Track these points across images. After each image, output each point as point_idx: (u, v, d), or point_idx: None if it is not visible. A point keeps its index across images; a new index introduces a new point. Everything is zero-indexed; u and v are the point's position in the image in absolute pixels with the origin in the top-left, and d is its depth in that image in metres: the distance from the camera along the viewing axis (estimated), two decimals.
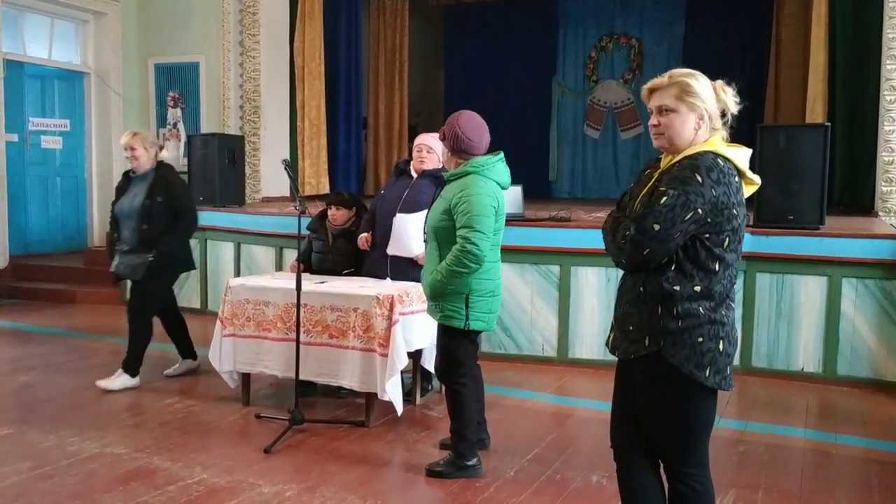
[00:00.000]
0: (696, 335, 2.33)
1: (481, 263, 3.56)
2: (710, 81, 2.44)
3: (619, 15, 12.25)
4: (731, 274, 2.39)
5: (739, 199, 2.36)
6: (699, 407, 2.43)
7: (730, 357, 2.40)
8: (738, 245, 2.38)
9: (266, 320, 4.57)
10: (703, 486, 2.49)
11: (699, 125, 2.40)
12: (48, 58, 9.39)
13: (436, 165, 4.62)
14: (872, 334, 5.26)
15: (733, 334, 2.41)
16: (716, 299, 2.35)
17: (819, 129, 5.53)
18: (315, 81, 9.63)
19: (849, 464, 4.02)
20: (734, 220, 2.33)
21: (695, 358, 2.33)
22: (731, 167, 2.36)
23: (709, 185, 2.28)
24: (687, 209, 2.27)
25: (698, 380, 2.34)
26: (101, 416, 4.53)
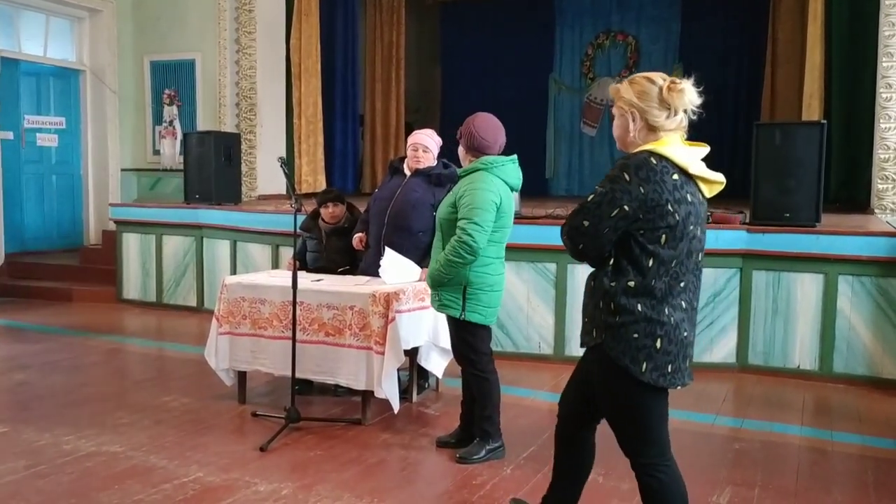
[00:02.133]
0: (631, 331, 2.41)
1: (477, 255, 3.68)
2: (660, 83, 2.46)
3: (616, 12, 12.26)
4: (675, 271, 2.43)
5: (678, 196, 2.39)
6: (641, 400, 2.50)
7: (671, 355, 2.43)
8: (679, 243, 2.41)
9: (262, 318, 4.56)
10: (667, 474, 2.55)
11: (632, 127, 2.48)
12: (44, 55, 9.37)
13: (431, 164, 4.62)
14: (868, 332, 5.27)
15: (677, 334, 2.44)
16: (656, 297, 2.41)
17: (815, 126, 5.53)
18: (311, 79, 9.61)
19: (845, 461, 4.03)
20: (669, 217, 2.37)
21: (630, 353, 2.41)
22: (666, 166, 2.40)
23: (636, 183, 2.35)
24: (613, 206, 2.36)
25: (633, 374, 2.42)
26: (97, 415, 4.52)
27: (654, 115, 2.45)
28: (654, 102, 2.45)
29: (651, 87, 2.46)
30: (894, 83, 6.52)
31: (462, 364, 3.96)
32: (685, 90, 2.45)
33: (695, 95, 2.47)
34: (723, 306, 5.57)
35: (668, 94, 2.44)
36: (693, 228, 2.44)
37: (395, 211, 4.59)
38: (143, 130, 9.61)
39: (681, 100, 2.45)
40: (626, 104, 2.49)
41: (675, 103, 2.44)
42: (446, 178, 4.57)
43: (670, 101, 2.44)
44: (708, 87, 8.16)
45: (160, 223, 7.94)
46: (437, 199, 4.44)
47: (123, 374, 5.69)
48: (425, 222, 4.53)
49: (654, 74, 2.50)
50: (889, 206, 6.54)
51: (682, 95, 2.45)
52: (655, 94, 2.45)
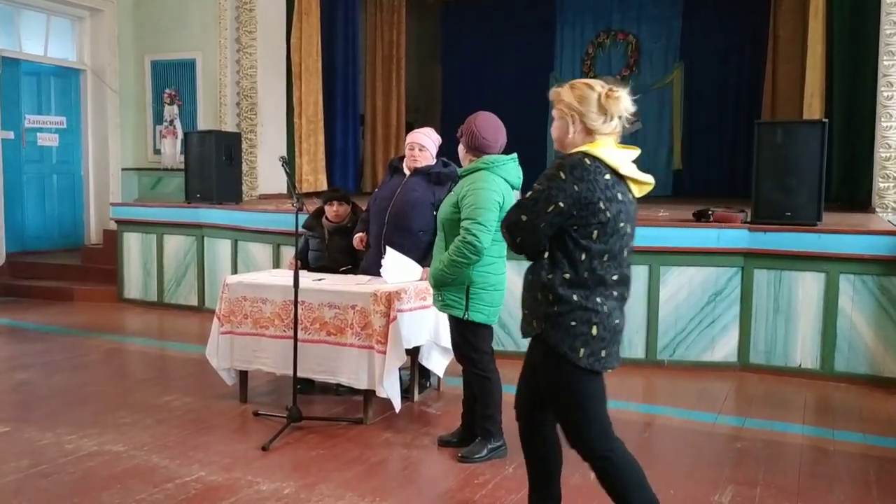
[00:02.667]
0: (568, 319, 2.58)
1: (481, 255, 3.68)
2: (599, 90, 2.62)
3: (617, 11, 12.24)
4: (608, 265, 2.59)
5: (611, 195, 2.56)
6: (580, 384, 2.65)
7: (605, 341, 2.60)
8: (610, 238, 2.57)
9: (263, 317, 4.56)
10: (617, 454, 2.71)
11: (571, 129, 2.65)
12: (44, 55, 9.37)
13: (429, 163, 4.62)
14: (870, 330, 5.27)
15: (610, 321, 2.61)
16: (589, 287, 2.58)
17: (816, 125, 5.53)
18: (312, 78, 9.61)
19: (846, 460, 4.03)
20: (601, 214, 2.54)
21: (568, 340, 2.58)
22: (599, 166, 2.57)
23: (571, 182, 2.52)
24: (549, 203, 2.53)
25: (572, 360, 2.58)
26: (99, 414, 4.52)
27: (591, 119, 2.62)
28: (592, 107, 2.61)
29: (591, 93, 2.62)
30: (895, 82, 6.51)
31: (463, 363, 3.97)
32: (621, 98, 2.62)
33: (630, 103, 2.64)
34: (724, 305, 5.57)
35: (605, 101, 2.61)
36: (624, 225, 2.61)
37: (395, 210, 4.59)
38: (144, 130, 9.61)
39: (617, 107, 2.62)
40: (567, 107, 2.65)
41: (611, 110, 2.61)
42: (446, 177, 4.56)
43: (607, 107, 2.61)
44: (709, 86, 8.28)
45: (161, 223, 7.94)
46: (437, 197, 4.45)
47: (125, 374, 5.70)
48: (425, 221, 4.53)
49: (593, 81, 2.68)
50: (890, 204, 6.53)
51: (619, 103, 2.62)
52: (594, 100, 2.62)
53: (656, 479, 3.65)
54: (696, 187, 11.29)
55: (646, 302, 5.66)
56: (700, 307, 5.60)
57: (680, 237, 5.65)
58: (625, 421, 4.60)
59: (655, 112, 12.09)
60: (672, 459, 4.04)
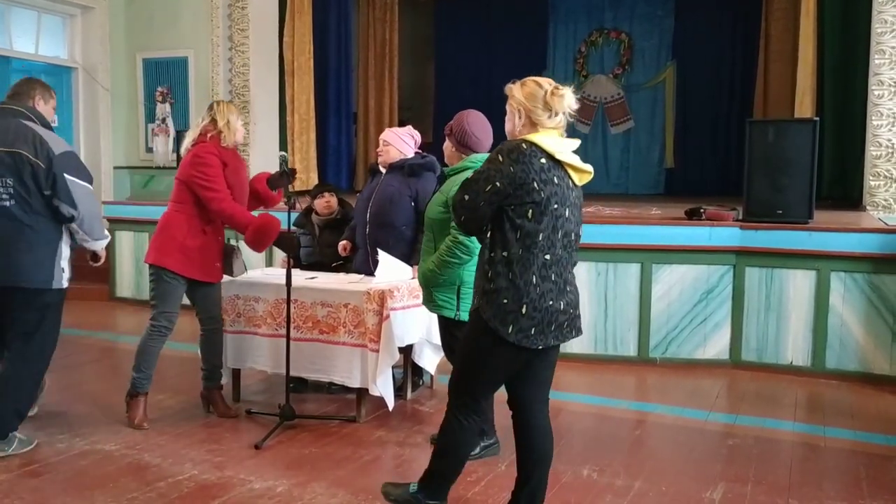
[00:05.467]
0: (501, 297, 2.79)
1: (472, 255, 3.67)
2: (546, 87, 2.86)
3: (610, 9, 12.25)
4: (542, 244, 2.79)
5: (546, 177, 2.77)
6: (498, 357, 2.88)
7: (534, 320, 2.80)
8: (543, 218, 2.78)
9: (256, 316, 4.56)
10: (467, 425, 2.99)
11: (517, 122, 2.90)
12: (35, 52, 9.31)
13: (395, 157, 4.66)
14: (860, 328, 5.29)
15: (542, 303, 2.80)
16: (522, 266, 2.78)
17: (808, 123, 5.56)
18: (305, 76, 9.59)
19: (837, 456, 4.05)
20: (535, 194, 2.75)
21: (500, 316, 2.79)
22: (535, 151, 2.79)
23: (507, 164, 2.76)
24: (488, 182, 2.77)
25: (501, 335, 2.79)
26: (91, 413, 4.51)
27: (537, 114, 2.85)
28: (539, 104, 2.85)
29: (538, 90, 2.86)
30: (886, 80, 6.54)
31: (453, 362, 3.95)
32: (565, 96, 2.86)
33: (573, 101, 2.88)
34: (716, 303, 5.59)
35: (550, 98, 2.85)
36: (559, 208, 2.81)
37: (374, 209, 4.63)
38: (136, 128, 9.56)
39: (561, 104, 2.85)
40: (517, 103, 2.89)
41: (556, 106, 2.85)
42: (420, 168, 4.61)
43: (552, 104, 2.84)
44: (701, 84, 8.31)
45: (153, 221, 7.72)
46: (414, 189, 4.54)
47: (117, 373, 5.66)
48: (406, 215, 4.58)
49: (542, 79, 2.91)
50: (881, 202, 6.56)
51: (563, 100, 2.86)
52: (541, 97, 2.85)
53: (648, 476, 3.68)
54: (688, 185, 11.31)
55: (638, 300, 5.68)
56: (692, 305, 5.62)
57: (672, 235, 5.67)
58: (617, 418, 4.63)
59: (648, 110, 12.12)
60: (664, 456, 4.05)
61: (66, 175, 3.77)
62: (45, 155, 3.75)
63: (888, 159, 6.56)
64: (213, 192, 4.20)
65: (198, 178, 4.21)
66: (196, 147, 4.29)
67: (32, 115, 3.88)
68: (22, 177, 3.73)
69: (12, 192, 3.74)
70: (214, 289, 4.46)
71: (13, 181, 3.74)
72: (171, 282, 4.29)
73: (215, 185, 4.20)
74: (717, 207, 5.95)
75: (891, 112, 6.54)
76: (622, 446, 4.15)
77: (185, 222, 4.27)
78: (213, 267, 4.39)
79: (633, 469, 3.77)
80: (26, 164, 3.72)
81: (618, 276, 5.70)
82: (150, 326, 4.36)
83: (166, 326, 4.35)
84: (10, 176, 3.73)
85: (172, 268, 4.26)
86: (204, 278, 4.35)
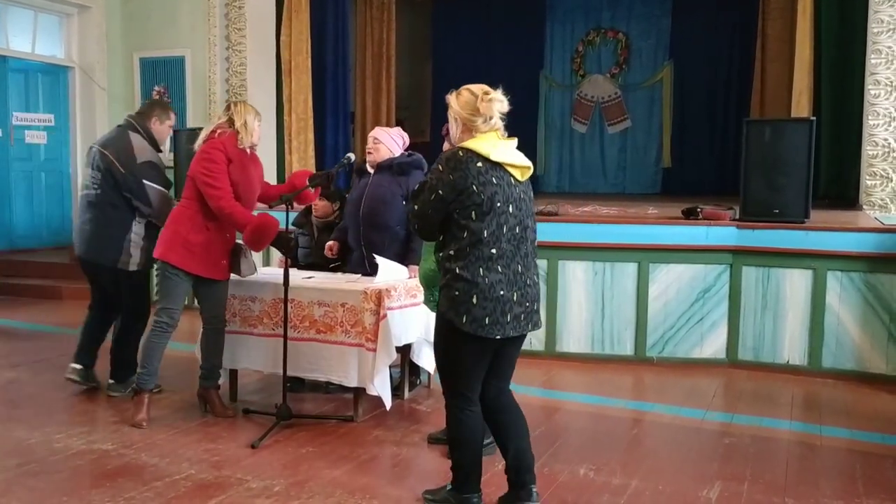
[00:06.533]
0: (453, 290, 3.00)
1: None
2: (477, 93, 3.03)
3: (607, 9, 12.27)
4: (487, 240, 2.97)
5: (483, 180, 2.96)
6: (460, 345, 3.04)
7: (486, 310, 2.97)
8: (486, 216, 2.96)
9: (252, 316, 4.56)
10: (469, 416, 3.13)
11: (454, 130, 3.11)
12: (32, 52, 9.31)
13: (385, 156, 4.66)
14: (857, 327, 5.30)
15: (492, 293, 2.97)
16: (470, 261, 2.97)
17: (804, 123, 5.57)
18: (302, 76, 9.58)
19: (833, 455, 4.06)
20: (475, 197, 2.95)
21: (454, 307, 2.99)
22: (471, 157, 2.98)
23: (447, 172, 2.97)
24: (431, 192, 3.00)
25: (456, 325, 2.98)
26: (88, 413, 4.51)
27: (472, 120, 3.03)
28: (472, 110, 3.02)
29: (471, 98, 3.04)
30: (882, 80, 6.56)
31: None
32: (494, 100, 3.02)
33: (503, 104, 3.04)
34: (713, 302, 5.60)
35: (480, 104, 3.01)
36: (502, 206, 2.99)
37: (366, 210, 4.63)
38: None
39: (491, 108, 3.01)
40: (454, 112, 3.08)
41: (486, 111, 3.01)
42: (409, 166, 4.63)
43: (482, 109, 3.01)
44: (698, 84, 8.33)
45: None
46: (404, 188, 4.55)
47: None
48: (399, 215, 4.60)
49: (475, 87, 3.06)
50: (877, 202, 6.58)
51: (493, 104, 3.01)
52: (473, 104, 3.02)
53: (645, 475, 3.69)
54: (685, 185, 11.33)
55: (635, 299, 5.69)
56: (689, 304, 5.63)
57: (669, 235, 5.68)
58: (614, 417, 4.63)
59: (645, 110, 12.14)
60: (661, 455, 4.06)
61: (144, 181, 4.61)
62: (127, 162, 4.60)
63: (884, 159, 6.58)
64: (213, 188, 4.21)
65: (201, 173, 4.24)
66: (205, 143, 4.32)
67: (141, 129, 4.73)
68: (105, 173, 4.62)
69: (99, 184, 4.65)
70: (220, 287, 4.46)
71: (101, 175, 4.63)
72: (174, 277, 4.30)
73: (217, 182, 4.22)
74: (714, 207, 5.95)
75: (887, 111, 6.56)
76: (619, 445, 4.16)
77: (190, 218, 4.30)
78: (219, 264, 4.38)
79: (630, 468, 3.77)
80: (111, 165, 4.61)
81: (615, 275, 5.71)
82: (153, 322, 4.37)
83: (168, 323, 4.34)
84: (100, 171, 4.64)
85: (175, 263, 4.27)
86: (207, 275, 4.34)
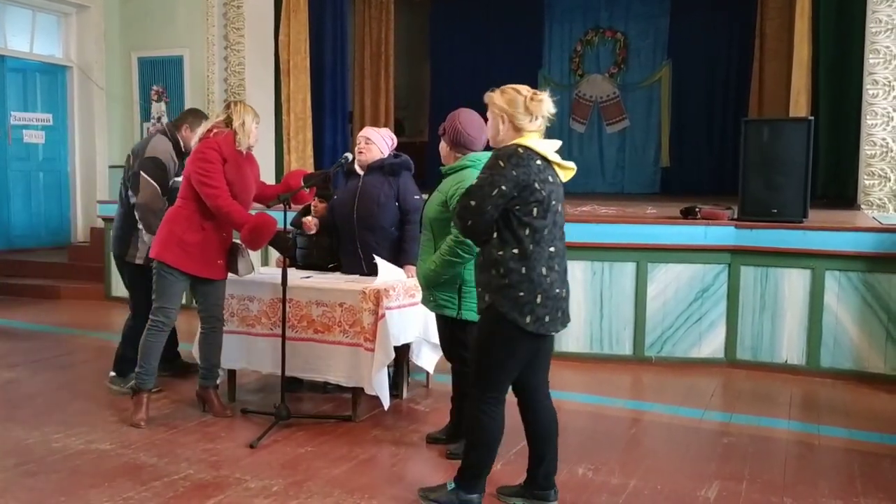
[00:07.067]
0: (517, 290, 2.99)
1: (475, 254, 3.63)
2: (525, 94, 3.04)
3: (605, 9, 12.27)
4: (547, 237, 3.01)
5: (543, 177, 2.99)
6: (517, 346, 3.07)
7: (548, 308, 3.02)
8: (547, 213, 3.00)
9: (250, 316, 4.56)
10: (493, 415, 3.14)
11: (501, 128, 3.08)
12: (30, 51, 9.30)
13: (377, 156, 4.65)
14: (855, 326, 5.31)
15: (552, 290, 3.03)
16: (535, 261, 2.99)
17: (802, 123, 5.57)
18: (300, 75, 9.58)
19: (832, 454, 4.06)
20: (537, 194, 2.97)
21: (518, 308, 2.99)
22: (531, 154, 2.99)
23: (509, 168, 2.95)
24: (493, 187, 2.94)
25: (521, 325, 3.00)
26: (86, 413, 4.51)
27: (519, 118, 3.03)
28: (520, 109, 3.03)
29: (518, 97, 3.04)
30: (881, 80, 6.56)
31: (453, 361, 3.97)
32: (544, 101, 3.03)
33: (551, 105, 3.05)
34: (711, 302, 5.60)
35: (530, 104, 3.02)
36: (555, 204, 3.05)
37: (360, 213, 4.61)
38: (131, 127, 9.54)
39: (540, 108, 3.03)
40: (499, 109, 3.07)
41: (535, 111, 3.03)
42: (399, 166, 4.63)
43: (532, 108, 3.02)
44: (696, 84, 8.32)
45: None
46: (395, 188, 4.56)
47: None
48: (393, 216, 4.60)
49: (520, 86, 3.07)
50: (875, 201, 6.58)
51: (541, 105, 3.03)
52: (521, 103, 3.03)
53: (644, 475, 3.69)
54: (683, 185, 11.34)
55: (633, 299, 5.69)
56: (687, 304, 5.63)
57: (667, 234, 5.68)
58: (613, 417, 4.63)
59: (643, 110, 12.14)
60: (659, 455, 4.06)
61: (141, 172, 4.72)
62: (136, 157, 4.83)
63: (882, 158, 6.59)
64: (210, 187, 4.21)
65: (197, 173, 4.23)
66: (200, 143, 4.31)
67: (170, 135, 4.89)
68: (125, 172, 4.98)
69: (124, 183, 4.98)
70: (217, 287, 4.45)
71: (128, 175, 4.93)
72: (169, 277, 4.29)
73: (213, 181, 4.21)
74: (713, 206, 5.96)
75: (885, 111, 6.57)
76: (618, 445, 4.16)
77: (186, 217, 4.29)
78: (215, 264, 4.37)
79: (629, 467, 3.77)
80: (129, 164, 4.94)
81: (613, 275, 5.71)
82: (150, 321, 4.36)
83: (163, 322, 4.34)
84: (128, 171, 4.95)
85: (171, 262, 4.26)
86: (203, 274, 4.34)
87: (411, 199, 4.60)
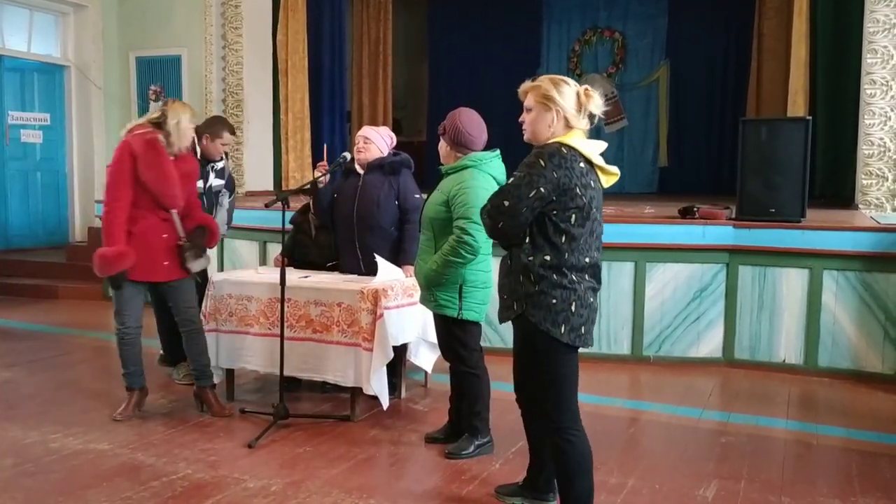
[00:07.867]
0: (549, 298, 2.75)
1: (477, 254, 3.69)
2: (577, 88, 2.84)
3: (603, 8, 12.28)
4: (583, 247, 2.78)
5: (585, 182, 2.76)
6: (559, 362, 2.83)
7: (583, 318, 2.80)
8: (586, 222, 2.77)
9: (249, 315, 4.55)
10: (579, 438, 2.88)
11: (551, 121, 2.82)
12: (27, 51, 9.29)
13: (376, 155, 4.64)
14: (853, 326, 5.31)
15: (587, 299, 2.81)
16: (567, 268, 2.76)
17: (800, 122, 5.58)
18: (298, 75, 9.58)
19: (829, 454, 4.07)
20: (578, 199, 2.73)
21: (550, 317, 2.76)
22: (575, 155, 2.77)
23: (550, 169, 2.70)
24: (531, 188, 2.69)
25: (554, 335, 2.76)
26: (84, 412, 4.50)
27: (572, 115, 2.81)
28: (572, 103, 2.81)
29: (570, 90, 2.82)
30: (878, 80, 6.57)
31: (452, 361, 3.97)
32: (595, 97, 2.84)
33: (602, 103, 2.86)
34: (709, 301, 5.61)
35: (584, 99, 2.82)
36: (595, 212, 2.81)
37: (361, 213, 4.60)
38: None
39: (592, 104, 2.83)
40: (551, 101, 2.81)
41: (587, 107, 2.82)
42: (399, 164, 4.63)
43: (585, 104, 2.81)
44: (694, 84, 8.33)
45: None
46: (396, 187, 4.56)
47: (110, 372, 5.64)
48: (392, 216, 4.60)
49: (569, 79, 2.87)
50: (873, 201, 6.59)
51: (593, 101, 2.83)
52: (574, 97, 2.82)
53: (642, 474, 3.70)
54: (681, 184, 11.35)
55: (631, 298, 5.69)
56: (685, 303, 5.64)
57: (666, 234, 5.68)
58: (611, 416, 4.63)
59: (641, 109, 12.15)
60: (657, 454, 4.06)
61: None
62: None
63: (880, 158, 6.59)
64: (107, 192, 4.19)
65: (106, 175, 4.21)
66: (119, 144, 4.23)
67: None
68: None
69: None
70: (177, 289, 4.37)
71: None
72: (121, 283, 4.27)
73: (112, 186, 4.16)
74: (711, 206, 5.96)
75: (883, 111, 6.57)
76: (616, 444, 4.16)
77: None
78: (160, 265, 4.28)
79: (627, 467, 3.78)
80: None
81: (611, 274, 5.71)
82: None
83: (121, 329, 4.33)
84: None
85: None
86: (149, 278, 4.30)
87: (411, 197, 4.60)
